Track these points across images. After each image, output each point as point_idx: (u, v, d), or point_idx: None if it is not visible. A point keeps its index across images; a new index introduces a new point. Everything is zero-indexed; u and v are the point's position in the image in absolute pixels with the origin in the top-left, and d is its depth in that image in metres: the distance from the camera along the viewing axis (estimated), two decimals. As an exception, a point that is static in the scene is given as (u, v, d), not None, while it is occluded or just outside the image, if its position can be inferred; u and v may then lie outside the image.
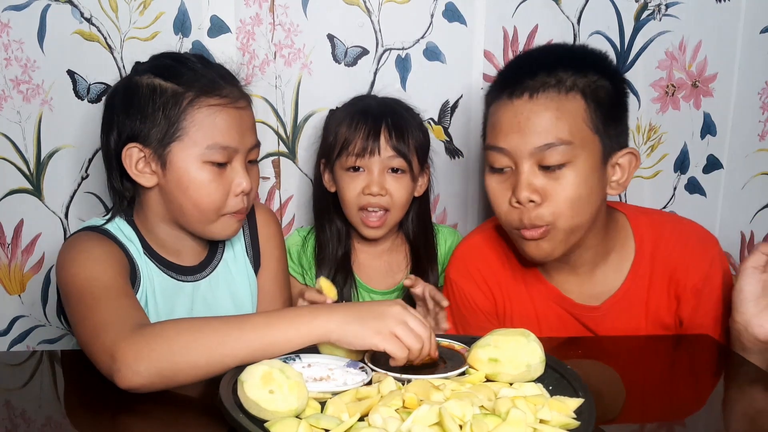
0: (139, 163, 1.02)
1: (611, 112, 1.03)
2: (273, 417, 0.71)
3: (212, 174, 1.01)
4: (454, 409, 0.70)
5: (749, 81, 1.53)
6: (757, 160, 1.58)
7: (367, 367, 0.83)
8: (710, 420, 0.84)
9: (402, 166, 1.27)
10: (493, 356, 0.82)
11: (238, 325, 0.83)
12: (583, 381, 0.81)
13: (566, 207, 1.01)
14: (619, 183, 1.05)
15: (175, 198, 1.02)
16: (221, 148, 1.00)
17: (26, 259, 1.41)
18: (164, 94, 1.00)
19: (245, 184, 1.03)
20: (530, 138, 0.99)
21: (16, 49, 1.30)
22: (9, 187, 1.36)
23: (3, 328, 1.44)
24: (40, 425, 0.80)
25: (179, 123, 0.99)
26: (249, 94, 1.08)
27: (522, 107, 1.00)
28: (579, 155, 1.00)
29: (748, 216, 1.61)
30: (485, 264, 1.18)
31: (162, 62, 1.06)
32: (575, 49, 1.16)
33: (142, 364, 0.79)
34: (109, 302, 0.89)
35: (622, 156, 1.04)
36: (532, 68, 1.02)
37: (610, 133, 1.02)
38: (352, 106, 1.31)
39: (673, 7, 1.47)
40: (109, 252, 1.00)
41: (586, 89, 1.00)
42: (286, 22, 1.36)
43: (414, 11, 1.39)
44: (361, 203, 1.28)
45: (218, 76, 1.03)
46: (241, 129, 1.02)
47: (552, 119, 0.99)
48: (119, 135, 1.03)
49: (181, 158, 1.00)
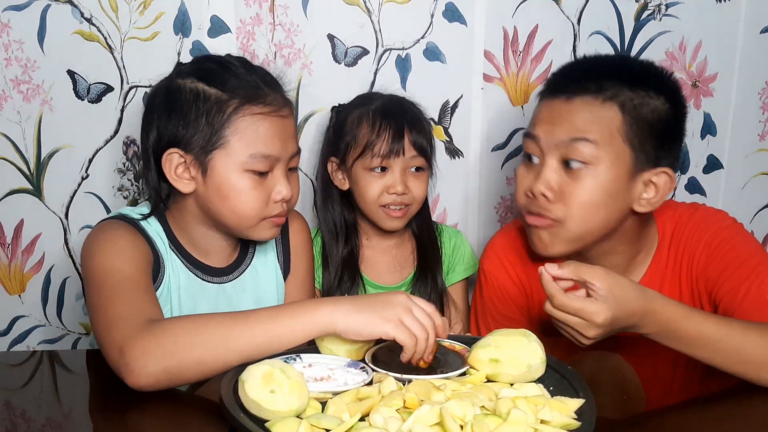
0: (179, 168, 1.01)
1: (656, 130, 1.01)
2: (274, 417, 0.71)
3: (253, 182, 1.00)
4: (455, 409, 0.70)
5: (749, 81, 1.53)
6: (757, 160, 1.58)
7: (367, 367, 0.83)
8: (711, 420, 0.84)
9: (423, 165, 1.30)
10: (493, 357, 0.82)
11: (243, 320, 0.83)
12: (584, 381, 0.81)
13: (578, 209, 1.02)
14: (649, 201, 1.04)
15: (213, 204, 1.02)
16: (263, 156, 0.99)
17: (26, 259, 1.41)
18: (208, 101, 0.99)
19: (285, 192, 1.02)
20: (559, 129, 1.02)
21: (16, 49, 1.30)
22: (9, 187, 1.36)
23: (3, 328, 1.44)
24: (40, 425, 0.80)
25: (222, 131, 0.98)
26: (290, 100, 1.08)
27: (559, 105, 1.04)
28: (603, 160, 1.00)
29: (748, 216, 1.61)
30: (518, 257, 1.20)
31: (206, 66, 1.05)
32: (634, 64, 1.15)
33: (149, 361, 0.79)
34: (125, 295, 0.89)
35: (656, 175, 1.03)
36: (579, 74, 1.06)
37: (647, 150, 1.01)
38: (365, 106, 1.31)
39: (673, 7, 1.47)
40: (134, 244, 1.00)
41: (626, 102, 1.00)
42: (286, 22, 1.36)
43: (414, 11, 1.39)
44: (384, 202, 1.29)
45: (262, 83, 1.02)
46: (283, 137, 1.01)
47: (583, 119, 1.01)
48: (159, 137, 1.02)
49: (222, 166, 0.99)
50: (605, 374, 0.95)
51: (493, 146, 1.49)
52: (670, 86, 1.06)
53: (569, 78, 1.07)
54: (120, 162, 1.38)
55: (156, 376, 0.80)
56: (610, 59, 1.27)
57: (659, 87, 1.03)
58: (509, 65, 1.45)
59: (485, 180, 1.50)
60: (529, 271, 1.19)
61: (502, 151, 1.49)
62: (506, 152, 1.50)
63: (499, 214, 1.53)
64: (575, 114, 1.02)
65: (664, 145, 1.03)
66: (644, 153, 1.02)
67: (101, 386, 0.87)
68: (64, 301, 1.44)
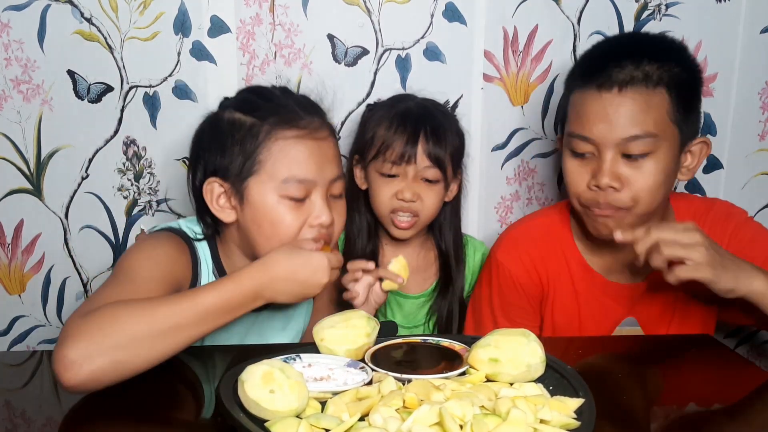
0: (221, 198, 1.01)
1: (689, 101, 1.07)
2: (273, 417, 0.71)
3: (289, 208, 0.98)
4: (455, 409, 0.70)
5: (749, 81, 1.52)
6: (757, 160, 1.58)
7: (367, 367, 0.83)
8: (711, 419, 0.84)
9: (436, 177, 1.27)
10: (493, 356, 0.82)
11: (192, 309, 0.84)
12: (583, 381, 0.81)
13: (645, 194, 1.06)
14: (689, 169, 1.11)
15: (251, 233, 1.01)
16: (298, 181, 0.98)
17: (26, 259, 1.41)
18: (242, 128, 0.99)
19: (325, 218, 0.99)
20: (617, 129, 1.04)
21: (16, 49, 1.30)
22: (9, 187, 1.36)
23: (3, 328, 1.44)
24: (40, 425, 0.80)
25: (255, 156, 0.98)
26: (332, 124, 1.07)
27: (611, 100, 1.05)
28: (661, 146, 1.05)
29: (748, 216, 1.61)
30: (536, 250, 1.22)
31: (244, 96, 1.06)
32: (657, 39, 1.18)
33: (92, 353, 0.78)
34: (123, 286, 0.89)
35: (696, 144, 1.10)
36: (619, 58, 1.06)
37: (688, 123, 1.08)
38: (392, 108, 1.29)
39: (673, 7, 1.47)
40: (174, 259, 0.99)
41: (670, 83, 1.05)
42: (286, 22, 1.36)
43: (414, 11, 1.39)
44: (393, 207, 1.28)
45: (298, 106, 1.01)
46: (319, 160, 0.99)
47: (639, 113, 1.04)
48: (204, 170, 1.02)
49: (257, 192, 0.98)
50: (605, 374, 0.95)
51: (493, 146, 1.48)
52: (687, 55, 1.11)
53: (611, 65, 1.06)
54: (120, 162, 1.38)
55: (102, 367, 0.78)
56: (636, 37, 1.28)
57: (682, 58, 1.09)
58: (509, 65, 1.45)
59: (485, 180, 1.50)
60: (548, 264, 1.21)
61: (502, 151, 1.49)
62: (506, 152, 1.50)
63: (499, 214, 1.53)
64: (630, 108, 1.04)
65: (693, 112, 1.10)
66: (686, 126, 1.07)
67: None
68: (64, 301, 1.45)
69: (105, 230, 1.42)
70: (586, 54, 1.16)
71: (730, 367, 0.99)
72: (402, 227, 1.29)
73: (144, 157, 1.39)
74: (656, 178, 1.06)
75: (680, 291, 1.15)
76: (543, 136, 1.50)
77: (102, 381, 0.79)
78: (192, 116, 1.35)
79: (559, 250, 1.21)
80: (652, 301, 1.17)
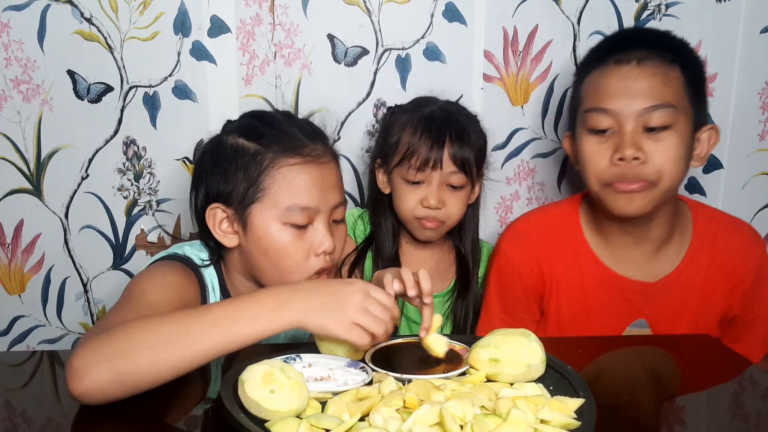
0: (223, 223, 1.01)
1: (700, 87, 1.12)
2: (274, 417, 0.71)
3: (292, 236, 0.98)
4: (455, 409, 0.70)
5: (749, 81, 1.52)
6: (757, 160, 1.58)
7: (367, 367, 0.83)
8: (711, 419, 0.84)
9: (461, 183, 1.26)
10: (493, 356, 0.82)
11: (200, 318, 0.79)
12: (584, 381, 0.81)
13: (669, 166, 1.07)
14: (699, 156, 1.13)
15: (254, 258, 1.01)
16: (301, 209, 0.98)
17: (26, 259, 1.41)
18: (246, 155, 0.99)
19: (328, 245, 0.99)
20: (638, 100, 1.06)
21: (16, 49, 1.30)
22: (9, 187, 1.36)
23: (3, 328, 1.44)
24: (40, 425, 0.80)
25: (259, 183, 0.98)
26: (336, 150, 1.07)
27: (629, 72, 1.08)
28: (680, 120, 1.07)
29: (748, 216, 1.61)
30: (541, 243, 1.22)
31: (247, 121, 1.05)
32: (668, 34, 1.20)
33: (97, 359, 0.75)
34: (132, 309, 0.87)
35: (705, 131, 1.12)
36: (637, 40, 1.11)
37: (700, 106, 1.11)
38: (416, 112, 1.28)
39: (673, 7, 1.47)
40: (183, 285, 0.98)
41: (683, 65, 1.09)
42: (286, 22, 1.36)
43: (414, 11, 1.39)
44: (418, 215, 1.27)
45: (301, 132, 1.01)
46: (322, 187, 0.99)
47: (659, 84, 1.07)
48: (206, 194, 1.02)
49: (261, 219, 0.98)
50: (605, 374, 0.95)
51: (493, 146, 1.48)
52: (691, 50, 1.16)
53: (633, 43, 1.11)
54: (120, 162, 1.38)
55: (103, 376, 0.75)
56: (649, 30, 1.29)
57: (688, 52, 1.14)
58: (509, 65, 1.45)
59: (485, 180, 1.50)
60: (553, 258, 1.21)
61: (502, 150, 1.49)
62: (506, 152, 1.50)
63: (499, 214, 1.53)
64: (650, 80, 1.07)
65: (704, 100, 1.14)
66: (697, 110, 1.10)
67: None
68: (64, 301, 1.45)
69: (105, 230, 1.42)
70: (604, 41, 1.20)
71: (730, 367, 0.99)
72: (429, 227, 1.28)
73: (144, 157, 1.39)
74: (678, 151, 1.07)
75: (694, 296, 1.16)
76: (543, 136, 1.50)
77: (106, 392, 0.76)
78: (192, 116, 1.37)
79: (568, 243, 1.21)
80: (665, 302, 1.17)
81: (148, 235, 1.43)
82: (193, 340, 0.78)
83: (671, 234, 1.18)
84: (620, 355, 1.01)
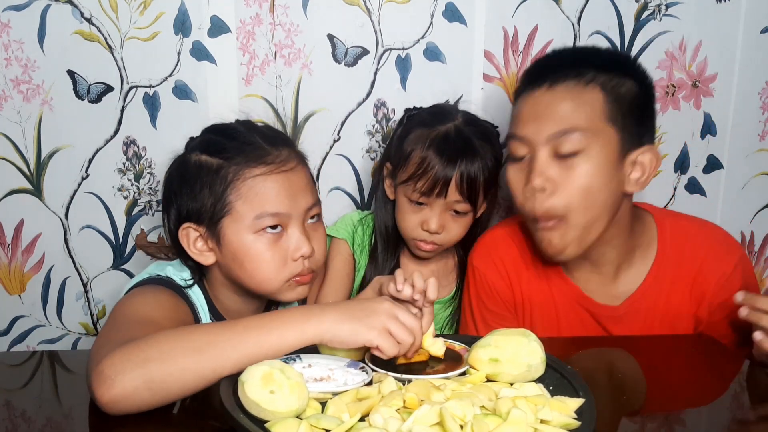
0: (197, 242, 1.01)
1: (633, 110, 1.03)
2: (273, 417, 0.71)
3: (266, 244, 0.97)
4: (455, 409, 0.70)
5: (749, 81, 1.53)
6: (757, 160, 1.58)
7: (367, 367, 0.83)
8: (711, 419, 0.84)
9: (465, 210, 1.24)
10: (493, 356, 0.82)
11: (230, 329, 0.80)
12: (584, 381, 0.81)
13: (579, 197, 1.01)
14: (638, 181, 1.05)
15: (233, 272, 1.01)
16: (270, 216, 0.97)
17: (26, 259, 1.41)
18: (210, 171, 0.99)
19: (305, 249, 0.98)
20: (546, 124, 1.01)
21: (16, 49, 1.30)
22: (9, 187, 1.36)
23: (3, 328, 1.44)
24: (40, 425, 0.80)
25: (225, 198, 0.97)
26: (302, 153, 1.06)
27: (541, 96, 1.03)
28: (593, 145, 1.00)
29: (748, 216, 1.61)
30: (509, 256, 1.19)
31: (208, 137, 1.05)
32: (602, 52, 1.18)
33: (128, 366, 0.75)
34: (130, 327, 0.86)
35: (642, 153, 1.04)
36: (556, 62, 1.07)
37: (630, 129, 1.02)
38: (431, 127, 1.23)
39: (673, 7, 1.47)
40: (174, 305, 0.98)
41: (606, 84, 1.02)
42: (286, 22, 1.36)
43: (414, 11, 1.39)
44: (416, 236, 1.26)
45: (264, 140, 1.00)
46: (291, 192, 0.98)
47: (569, 107, 1.01)
48: (177, 214, 1.02)
49: (232, 232, 0.98)
50: (605, 374, 0.95)
51: (493, 146, 1.48)
52: (636, 67, 1.08)
53: (547, 68, 1.06)
54: (120, 162, 1.38)
55: (134, 383, 0.74)
56: (580, 48, 1.28)
57: (629, 70, 1.06)
58: (509, 65, 1.45)
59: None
60: (523, 270, 1.18)
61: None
62: (506, 152, 1.50)
63: (498, 215, 1.53)
64: (560, 103, 1.01)
65: (643, 122, 1.05)
66: (628, 132, 1.02)
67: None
68: (64, 301, 1.45)
69: (105, 230, 1.42)
70: (528, 67, 1.14)
71: (730, 366, 0.99)
72: (425, 249, 1.27)
73: (144, 157, 1.39)
74: (589, 180, 1.00)
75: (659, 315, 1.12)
76: (543, 136, 1.50)
77: (136, 399, 0.75)
78: (192, 116, 1.37)
79: (538, 255, 1.15)
80: (631, 324, 1.12)
81: (148, 235, 1.43)
82: (223, 348, 0.78)
83: (632, 253, 1.12)
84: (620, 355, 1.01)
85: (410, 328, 0.82)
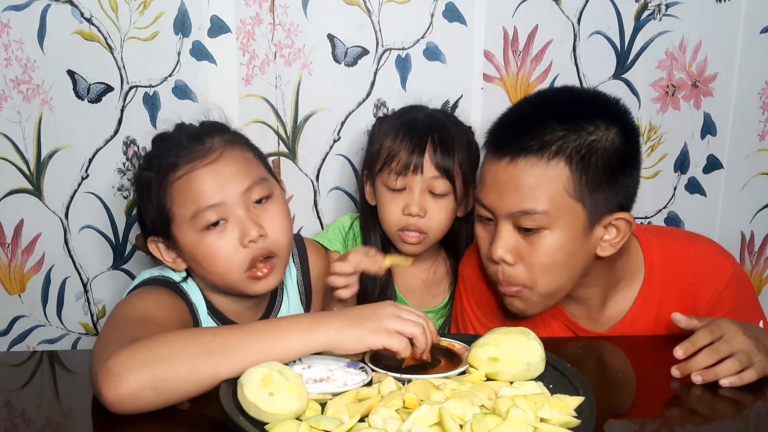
0: (165, 252, 1.03)
1: (607, 173, 0.96)
2: (273, 419, 0.71)
3: (214, 239, 0.98)
4: (455, 408, 0.70)
5: (749, 81, 1.53)
6: (757, 160, 1.58)
7: (367, 368, 0.83)
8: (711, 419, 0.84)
9: (445, 190, 1.22)
10: (493, 355, 0.82)
11: (238, 332, 0.81)
12: (584, 379, 0.81)
13: (541, 272, 0.98)
14: (611, 243, 0.99)
15: (197, 272, 1.03)
16: (205, 210, 0.97)
17: (26, 259, 1.41)
18: (148, 185, 1.02)
19: (253, 233, 0.97)
20: (507, 201, 0.97)
21: (16, 49, 1.30)
22: (9, 187, 1.36)
23: (3, 328, 1.44)
24: (40, 425, 0.80)
25: (164, 206, 0.99)
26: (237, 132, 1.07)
27: (504, 169, 0.97)
28: (557, 222, 0.96)
29: (748, 216, 1.61)
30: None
31: (148, 152, 1.09)
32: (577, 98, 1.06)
33: (136, 365, 0.75)
34: (132, 326, 0.86)
35: (616, 220, 0.98)
36: (519, 131, 0.97)
37: (598, 201, 0.96)
38: (399, 118, 1.27)
39: (673, 7, 1.47)
40: (175, 304, 0.99)
41: (573, 155, 0.94)
42: (286, 22, 1.36)
43: (414, 11, 1.39)
44: (401, 224, 1.24)
45: (188, 139, 1.01)
46: (218, 182, 0.98)
47: (529, 187, 0.95)
48: (144, 229, 1.06)
49: (182, 236, 0.99)
50: (605, 372, 0.95)
51: (493, 146, 1.48)
52: (618, 114, 1.00)
53: (510, 136, 0.98)
54: (120, 162, 1.38)
55: (141, 382, 0.75)
56: (550, 98, 1.08)
57: (607, 117, 0.97)
58: (509, 65, 1.45)
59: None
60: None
61: (502, 151, 1.49)
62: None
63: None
64: (520, 181, 0.95)
65: (616, 184, 0.98)
66: (595, 205, 0.96)
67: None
68: (64, 301, 1.44)
69: (105, 230, 1.42)
70: (501, 115, 1.06)
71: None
72: (410, 242, 1.25)
73: (144, 157, 1.39)
74: (553, 256, 0.96)
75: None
76: (543, 136, 1.49)
77: (142, 399, 0.76)
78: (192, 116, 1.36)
79: None
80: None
81: (148, 235, 1.43)
82: (230, 351, 0.78)
83: (616, 285, 1.08)
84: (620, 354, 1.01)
85: (415, 321, 0.82)
